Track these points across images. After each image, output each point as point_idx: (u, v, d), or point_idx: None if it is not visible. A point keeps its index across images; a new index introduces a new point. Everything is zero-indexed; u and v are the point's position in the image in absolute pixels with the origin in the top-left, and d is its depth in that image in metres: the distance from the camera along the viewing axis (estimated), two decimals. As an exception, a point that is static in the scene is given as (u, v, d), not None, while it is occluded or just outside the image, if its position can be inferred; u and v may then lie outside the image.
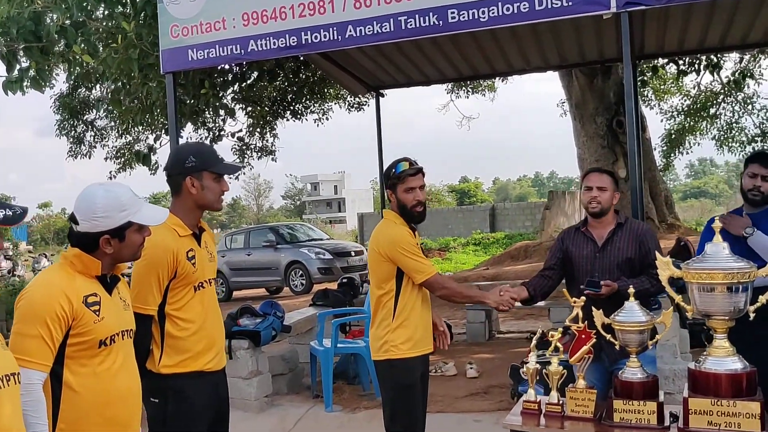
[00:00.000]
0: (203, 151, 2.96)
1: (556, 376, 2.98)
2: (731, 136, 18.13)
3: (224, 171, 2.92)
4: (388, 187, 3.49)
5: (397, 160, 3.49)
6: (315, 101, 14.02)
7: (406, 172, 3.42)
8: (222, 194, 2.93)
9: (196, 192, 2.85)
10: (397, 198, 3.46)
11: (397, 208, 3.49)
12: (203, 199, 2.87)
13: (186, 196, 2.87)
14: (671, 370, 4.65)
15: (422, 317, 3.48)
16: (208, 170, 2.85)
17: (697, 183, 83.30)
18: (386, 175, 3.51)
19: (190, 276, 2.79)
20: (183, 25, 5.52)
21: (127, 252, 2.37)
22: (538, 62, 8.47)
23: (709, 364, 2.70)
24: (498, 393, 5.97)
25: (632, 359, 2.89)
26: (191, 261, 2.80)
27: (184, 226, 2.85)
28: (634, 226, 3.71)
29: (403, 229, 3.46)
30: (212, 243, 3.06)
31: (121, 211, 2.30)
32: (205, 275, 2.87)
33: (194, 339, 2.79)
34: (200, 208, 2.91)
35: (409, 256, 3.38)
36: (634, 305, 2.90)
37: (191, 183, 2.84)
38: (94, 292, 2.27)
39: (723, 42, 7.78)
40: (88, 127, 15.01)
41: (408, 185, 3.42)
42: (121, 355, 2.34)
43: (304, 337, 6.92)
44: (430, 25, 4.94)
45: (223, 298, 16.84)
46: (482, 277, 12.93)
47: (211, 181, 2.87)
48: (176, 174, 2.87)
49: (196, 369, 2.80)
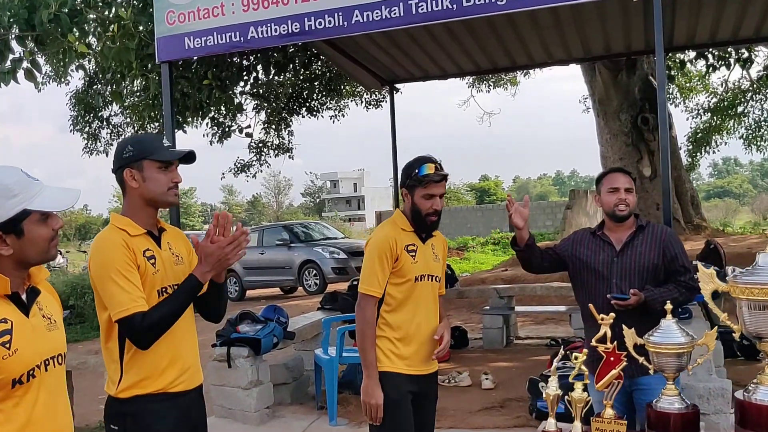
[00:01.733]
0: (143, 140, 2.56)
1: (580, 404, 2.57)
2: (760, 135, 17.59)
3: (165, 157, 2.48)
4: (406, 186, 3.10)
5: (421, 160, 3.08)
6: (331, 98, 13.75)
7: (431, 178, 3.02)
8: (172, 186, 2.50)
9: (137, 185, 2.46)
10: (413, 201, 3.07)
11: (410, 211, 3.11)
12: (147, 192, 2.46)
13: (130, 192, 2.49)
14: (706, 388, 4.23)
15: (419, 329, 3.08)
16: (147, 158, 2.45)
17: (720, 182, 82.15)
18: (406, 173, 3.10)
19: (151, 278, 2.42)
20: (179, 12, 5.19)
21: (32, 251, 1.87)
22: (560, 54, 8.08)
23: (761, 394, 2.30)
24: (515, 407, 5.57)
25: (669, 386, 2.49)
26: (150, 261, 2.43)
27: (135, 225, 2.47)
28: (656, 230, 3.41)
29: (393, 232, 3.08)
30: (181, 244, 2.65)
31: (9, 198, 1.81)
32: (168, 279, 2.47)
33: (157, 354, 2.40)
34: (149, 205, 2.50)
35: (365, 262, 3.05)
36: (672, 324, 2.49)
37: (130, 175, 2.45)
38: (2, 318, 1.77)
39: (759, 32, 7.34)
40: (104, 123, 14.82)
41: (429, 191, 3.04)
42: (44, 393, 1.85)
43: (310, 343, 6.56)
44: (443, 9, 4.57)
45: (236, 298, 16.64)
46: (500, 279, 12.50)
47: (155, 170, 2.46)
48: (117, 168, 2.50)
49: (158, 390, 2.41)
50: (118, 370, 2.41)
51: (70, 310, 13.90)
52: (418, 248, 3.09)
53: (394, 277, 3.04)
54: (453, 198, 48.95)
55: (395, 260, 3.03)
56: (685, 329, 2.51)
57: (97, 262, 2.38)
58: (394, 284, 3.05)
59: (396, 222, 3.13)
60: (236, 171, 15.14)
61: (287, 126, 14.17)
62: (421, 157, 3.10)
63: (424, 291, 3.10)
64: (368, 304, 3.03)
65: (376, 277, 3.01)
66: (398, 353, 3.04)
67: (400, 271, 3.04)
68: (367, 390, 3.00)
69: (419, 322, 3.08)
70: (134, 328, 2.32)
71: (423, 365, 3.10)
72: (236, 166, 15.05)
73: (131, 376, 2.40)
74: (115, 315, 2.32)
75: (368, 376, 3.01)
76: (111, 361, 2.44)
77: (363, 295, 3.04)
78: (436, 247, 3.20)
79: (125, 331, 2.35)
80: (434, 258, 3.17)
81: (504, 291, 9.08)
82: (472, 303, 11.17)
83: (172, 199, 2.53)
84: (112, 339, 2.43)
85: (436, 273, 3.17)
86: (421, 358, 3.09)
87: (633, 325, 2.63)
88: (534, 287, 9.20)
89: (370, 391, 2.99)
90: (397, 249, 3.02)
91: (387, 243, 3.02)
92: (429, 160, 3.07)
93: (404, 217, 3.14)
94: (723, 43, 8.57)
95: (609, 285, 3.35)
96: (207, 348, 6.24)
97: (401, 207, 3.25)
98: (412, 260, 3.05)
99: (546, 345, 8.30)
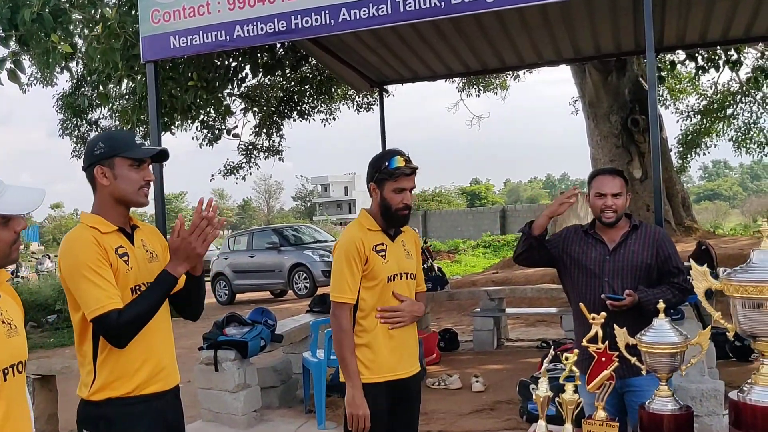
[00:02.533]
0: (114, 136, 2.49)
1: (571, 405, 2.51)
2: (749, 137, 17.62)
3: (137, 155, 2.41)
4: (374, 180, 2.97)
5: (390, 153, 2.97)
6: (322, 101, 13.70)
7: (402, 171, 2.90)
8: (144, 185, 2.44)
9: (108, 183, 2.39)
10: (383, 196, 2.94)
11: (380, 207, 2.98)
12: (118, 190, 2.39)
13: (101, 190, 2.42)
14: (698, 389, 4.18)
15: (392, 335, 2.97)
16: (119, 156, 2.38)
17: (710, 185, 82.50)
18: (375, 167, 2.97)
19: (123, 275, 2.34)
20: (164, 10, 5.11)
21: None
22: (550, 55, 8.03)
23: (755, 395, 2.24)
24: (506, 410, 5.52)
25: (662, 387, 2.43)
26: (122, 258, 2.36)
27: (106, 222, 2.39)
28: (649, 230, 3.36)
29: (359, 234, 2.96)
30: (155, 241, 2.58)
31: None
32: (142, 277, 2.40)
33: (130, 354, 2.33)
34: (120, 203, 2.43)
35: (334, 268, 2.94)
36: (665, 323, 2.43)
37: (101, 172, 2.38)
38: None
39: (748, 32, 7.31)
40: (92, 126, 14.70)
41: (400, 185, 2.91)
42: (4, 403, 1.75)
43: (298, 346, 6.48)
44: (431, 7, 4.51)
45: (226, 302, 16.54)
46: (491, 281, 12.47)
47: (126, 168, 2.39)
48: (87, 166, 2.42)
49: (131, 390, 2.33)
50: (91, 372, 2.34)
51: (57, 314, 13.82)
52: (388, 247, 2.97)
53: (365, 281, 2.92)
54: (444, 201, 48.94)
55: (365, 263, 2.90)
56: (678, 329, 2.46)
57: (68, 262, 2.31)
58: (367, 287, 2.93)
59: (361, 222, 3.02)
60: (226, 173, 15.08)
61: (278, 129, 14.11)
62: (390, 150, 3.00)
63: (398, 290, 2.99)
64: (342, 312, 2.91)
65: (346, 282, 2.88)
66: (376, 360, 2.93)
67: (371, 273, 2.91)
68: (353, 401, 2.87)
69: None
70: (111, 326, 2.24)
71: (403, 368, 3.00)
72: (226, 168, 14.98)
73: (103, 378, 2.32)
74: (90, 313, 2.24)
75: (352, 386, 2.87)
76: (84, 363, 2.37)
77: (335, 303, 2.92)
78: (407, 244, 3.09)
79: (101, 329, 2.27)
80: (406, 255, 3.05)
81: (495, 293, 9.03)
82: (463, 305, 11.13)
83: (143, 199, 2.46)
84: (86, 341, 2.35)
85: (409, 270, 3.05)
86: (400, 361, 2.98)
87: (625, 326, 2.58)
88: (524, 289, 9.17)
89: (356, 402, 2.86)
90: (365, 251, 2.90)
91: (354, 246, 2.90)
92: (398, 152, 2.95)
93: (370, 216, 3.02)
94: (713, 44, 8.55)
95: (601, 284, 3.29)
96: (194, 351, 6.17)
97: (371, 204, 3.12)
98: (383, 260, 2.93)
99: (537, 347, 8.26)
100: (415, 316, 3.02)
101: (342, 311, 2.91)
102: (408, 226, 3.14)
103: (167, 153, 2.53)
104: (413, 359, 3.07)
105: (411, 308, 3.00)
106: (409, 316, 2.99)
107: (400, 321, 2.97)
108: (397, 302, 2.98)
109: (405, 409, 3.04)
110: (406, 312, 2.97)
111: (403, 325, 2.98)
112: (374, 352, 2.93)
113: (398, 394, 2.99)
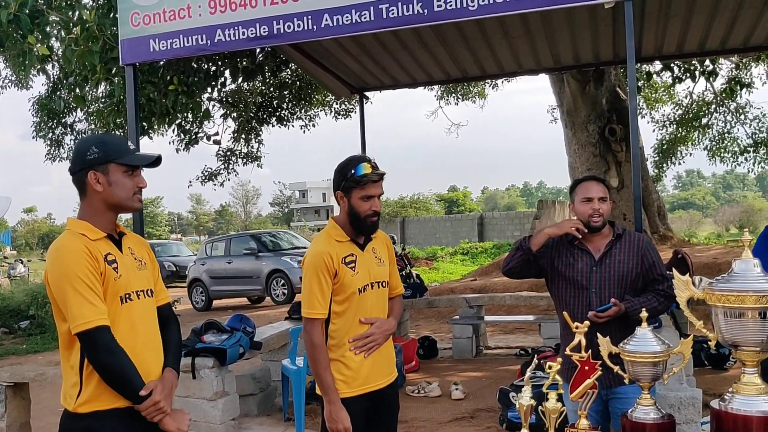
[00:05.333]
0: (108, 141, 2.44)
1: (554, 414, 2.51)
2: (723, 147, 17.88)
3: (134, 162, 2.39)
4: (341, 189, 2.91)
5: (356, 159, 2.90)
6: (301, 107, 13.64)
7: (369, 178, 2.84)
8: (137, 191, 2.42)
9: (102, 189, 2.35)
10: (350, 204, 2.89)
11: (348, 215, 2.92)
12: (112, 196, 2.37)
13: (92, 195, 2.38)
14: (677, 397, 4.19)
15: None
16: (114, 162, 2.36)
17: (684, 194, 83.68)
18: (341, 175, 2.90)
19: (113, 283, 2.30)
20: (144, 13, 5.05)
21: None
22: (530, 64, 8.09)
23: (737, 403, 2.25)
24: (486, 418, 5.51)
25: (644, 396, 2.43)
26: (112, 265, 2.32)
27: (95, 229, 2.36)
28: (633, 237, 3.37)
29: (327, 246, 2.89)
30: (142, 249, 2.55)
31: None
32: (132, 285, 2.37)
33: None
34: (112, 210, 2.41)
35: (304, 283, 2.88)
36: (647, 332, 2.43)
37: (95, 178, 2.35)
38: None
39: (724, 45, 7.44)
40: (67, 129, 14.50)
41: (367, 192, 2.85)
42: None
43: (277, 353, 6.42)
44: (414, 14, 4.51)
45: (203, 308, 16.40)
46: (470, 288, 12.48)
47: (120, 174, 2.37)
48: (78, 170, 2.38)
49: (119, 405, 2.29)
50: (77, 383, 2.29)
51: (30, 320, 13.57)
52: (358, 258, 2.91)
53: (336, 294, 2.86)
54: (422, 208, 49.01)
55: (334, 276, 2.84)
56: (660, 337, 2.47)
57: (58, 272, 2.26)
58: (338, 301, 2.87)
59: (329, 233, 2.95)
60: (203, 179, 14.93)
61: (257, 135, 14.03)
62: (355, 157, 2.94)
63: (370, 301, 2.93)
64: (314, 328, 2.84)
65: (316, 297, 2.82)
66: (352, 374, 2.88)
67: (341, 287, 2.85)
68: (332, 416, 2.80)
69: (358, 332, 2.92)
70: (97, 343, 2.21)
71: (379, 378, 2.96)
72: (203, 174, 14.85)
73: (90, 390, 2.28)
74: (75, 327, 2.20)
75: (329, 402, 2.81)
76: (70, 375, 2.32)
77: (307, 320, 2.85)
78: (378, 250, 3.03)
79: (86, 344, 2.23)
80: (378, 262, 3.00)
81: (473, 300, 9.03)
82: (442, 313, 11.13)
83: (137, 205, 2.44)
84: (74, 351, 2.30)
85: (381, 278, 2.99)
86: (376, 371, 2.94)
87: (610, 335, 2.58)
88: (503, 297, 9.19)
89: (335, 416, 2.79)
90: (334, 264, 2.84)
91: (322, 260, 2.83)
92: (364, 159, 2.90)
93: (338, 226, 2.96)
94: (690, 55, 8.68)
95: (588, 295, 3.29)
96: (171, 359, 6.09)
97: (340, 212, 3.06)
98: (352, 272, 2.87)
99: (515, 355, 8.28)
100: (388, 334, 2.98)
101: (314, 327, 2.85)
102: (380, 231, 3.09)
103: (161, 160, 2.50)
104: (390, 367, 3.04)
105: (382, 328, 2.95)
106: (382, 336, 2.94)
107: (373, 345, 2.92)
108: (367, 327, 2.92)
109: (383, 418, 3.01)
110: (378, 333, 2.93)
111: (377, 347, 2.93)
112: (349, 365, 2.88)
113: (376, 404, 2.95)
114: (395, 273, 3.16)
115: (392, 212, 41.67)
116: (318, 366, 2.85)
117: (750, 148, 17.31)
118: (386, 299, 3.05)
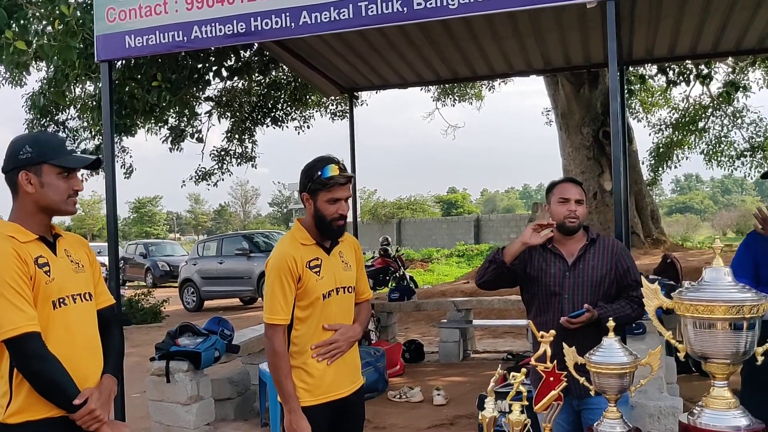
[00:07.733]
0: (43, 140, 2.33)
1: (518, 427, 2.40)
2: (720, 151, 17.83)
3: (68, 164, 2.29)
4: (307, 190, 2.81)
5: (323, 161, 2.80)
6: (296, 108, 13.55)
7: (336, 180, 2.74)
8: (72, 194, 2.32)
9: (33, 190, 2.26)
10: (316, 207, 2.79)
11: (314, 218, 2.82)
12: (44, 198, 2.27)
13: (23, 197, 2.28)
14: (656, 406, 4.10)
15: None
16: (48, 163, 2.25)
17: (682, 198, 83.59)
18: (307, 176, 2.80)
19: (44, 287, 2.19)
20: (120, 9, 4.94)
21: None
22: (521, 65, 7.98)
23: (706, 418, 2.15)
24: (465, 424, 5.41)
25: (610, 409, 2.33)
26: (43, 268, 2.21)
27: (25, 231, 2.25)
28: (607, 242, 3.30)
29: (291, 249, 2.79)
30: (80, 250, 2.43)
31: None
32: (67, 289, 2.26)
33: None
34: (44, 212, 2.30)
35: (266, 287, 2.79)
36: (614, 342, 2.33)
37: (26, 179, 2.25)
38: None
39: (716, 48, 7.34)
40: (60, 127, 14.41)
41: (334, 195, 2.75)
42: None
43: (257, 356, 6.32)
44: (393, 12, 4.40)
45: (194, 308, 16.29)
46: (460, 291, 12.39)
47: (54, 176, 2.27)
48: (10, 169, 2.28)
49: (53, 414, 2.17)
50: (6, 393, 2.18)
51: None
52: (323, 262, 2.82)
53: (299, 299, 2.77)
54: (419, 209, 48.88)
55: (297, 281, 2.74)
56: (628, 348, 2.37)
57: None
58: (301, 306, 2.78)
59: (294, 236, 2.85)
60: (197, 179, 14.84)
61: (251, 135, 13.94)
62: (323, 158, 2.83)
63: (335, 307, 2.84)
64: (275, 334, 2.75)
65: (278, 302, 2.73)
66: (314, 382, 2.79)
67: (305, 292, 2.76)
68: (292, 425, 2.71)
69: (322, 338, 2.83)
70: (25, 351, 2.10)
71: (343, 386, 2.87)
72: (197, 174, 14.76)
73: (21, 399, 2.16)
74: (3, 334, 2.09)
75: (290, 411, 2.72)
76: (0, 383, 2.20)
77: (268, 326, 2.76)
78: (345, 254, 2.94)
79: (14, 352, 2.12)
80: (344, 267, 2.90)
81: (462, 304, 8.94)
82: (431, 315, 11.04)
83: (71, 208, 2.33)
84: (3, 358, 2.18)
85: (347, 284, 2.90)
86: (340, 379, 2.85)
87: (583, 343, 2.49)
88: (492, 300, 9.09)
89: (295, 426, 2.70)
90: (297, 268, 2.74)
91: (285, 263, 2.73)
92: (331, 160, 2.80)
93: (303, 229, 2.86)
94: (681, 58, 8.57)
95: (560, 300, 3.21)
96: (145, 362, 5.99)
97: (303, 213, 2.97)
98: (317, 277, 2.77)
99: (502, 359, 8.19)
100: (352, 341, 2.88)
101: (275, 333, 2.75)
102: (348, 233, 2.99)
103: (101, 162, 2.40)
104: (354, 375, 2.95)
105: (346, 335, 2.86)
106: (346, 343, 2.85)
107: (337, 353, 2.82)
108: (331, 333, 2.83)
109: (347, 427, 2.92)
110: (342, 340, 2.83)
111: (341, 354, 2.84)
112: (311, 373, 2.78)
113: (340, 412, 2.86)
114: (363, 278, 3.07)
115: (389, 213, 41.53)
116: (279, 373, 2.75)
117: (747, 153, 17.25)
118: (352, 305, 2.97)
